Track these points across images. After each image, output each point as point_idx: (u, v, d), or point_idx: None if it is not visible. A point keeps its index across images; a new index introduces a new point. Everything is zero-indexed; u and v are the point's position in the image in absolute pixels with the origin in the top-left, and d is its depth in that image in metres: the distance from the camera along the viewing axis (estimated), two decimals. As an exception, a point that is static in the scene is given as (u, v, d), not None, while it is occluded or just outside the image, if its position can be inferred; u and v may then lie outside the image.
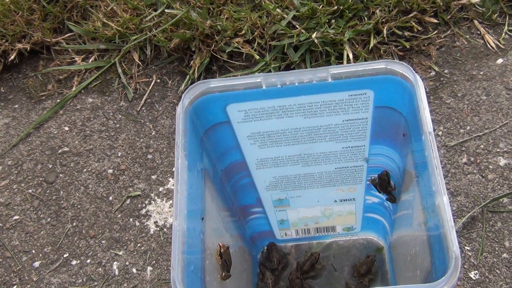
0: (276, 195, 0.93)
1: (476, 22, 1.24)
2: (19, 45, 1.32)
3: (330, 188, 0.91)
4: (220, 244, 0.76)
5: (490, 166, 1.07)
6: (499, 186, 1.04)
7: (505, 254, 0.98)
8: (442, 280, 0.57)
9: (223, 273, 0.77)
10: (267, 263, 1.02)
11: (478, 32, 1.23)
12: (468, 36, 1.23)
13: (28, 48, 1.32)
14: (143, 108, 1.24)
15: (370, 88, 0.73)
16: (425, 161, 0.66)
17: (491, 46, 1.21)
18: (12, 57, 1.31)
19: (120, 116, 1.23)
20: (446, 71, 1.19)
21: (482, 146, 1.09)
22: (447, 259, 0.58)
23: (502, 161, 1.07)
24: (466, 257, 0.99)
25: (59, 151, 1.21)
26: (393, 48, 1.21)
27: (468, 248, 1.00)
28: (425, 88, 1.13)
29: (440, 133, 1.12)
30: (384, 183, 0.87)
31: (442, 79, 1.18)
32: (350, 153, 0.84)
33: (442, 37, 1.23)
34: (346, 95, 0.74)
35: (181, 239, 0.64)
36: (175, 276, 0.60)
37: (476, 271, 0.98)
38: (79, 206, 1.13)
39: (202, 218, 0.73)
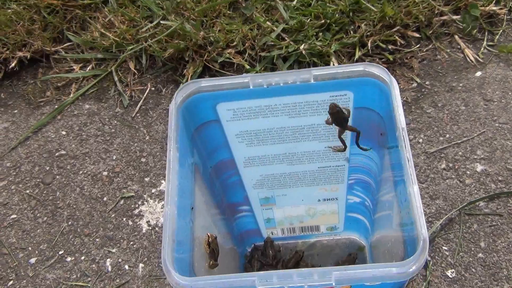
0: (263, 193, 0.98)
1: (456, 37, 1.31)
2: (20, 53, 1.37)
3: (314, 187, 0.96)
4: (209, 234, 0.81)
5: (468, 172, 1.13)
6: (475, 191, 1.10)
7: (480, 254, 1.04)
8: (411, 259, 0.62)
9: (211, 262, 0.81)
10: (262, 258, 1.07)
11: (459, 46, 1.30)
12: (449, 50, 1.29)
13: (28, 56, 1.37)
14: (138, 115, 1.29)
15: (349, 89, 0.78)
16: (401, 162, 0.71)
17: (471, 60, 1.27)
18: (13, 64, 1.37)
19: (115, 122, 1.29)
20: (427, 82, 1.25)
21: (460, 153, 1.15)
22: (416, 243, 0.63)
23: (479, 167, 1.13)
24: (443, 256, 1.04)
25: (56, 154, 1.26)
26: (377, 60, 1.27)
27: (446, 248, 1.05)
28: (407, 98, 1.19)
29: (420, 140, 1.18)
30: (339, 115, 0.78)
31: (423, 90, 1.24)
32: (332, 152, 0.89)
33: (424, 50, 1.30)
34: (327, 96, 0.79)
35: (171, 223, 0.68)
36: (165, 256, 0.65)
37: (453, 270, 1.03)
38: (74, 206, 1.18)
39: (192, 208, 0.78)
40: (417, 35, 1.29)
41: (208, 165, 0.89)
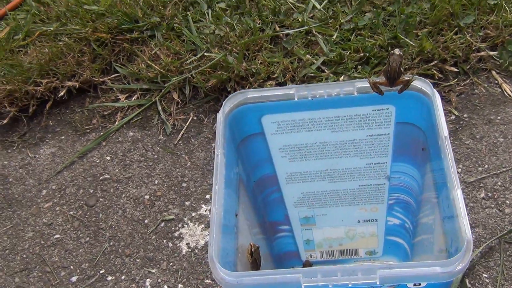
0: (303, 212, 0.99)
1: (494, 72, 1.32)
2: (69, 83, 1.43)
3: (354, 206, 0.97)
4: (251, 243, 0.83)
5: (507, 201, 1.12)
6: (515, 219, 1.10)
7: (521, 282, 1.03)
8: (456, 258, 0.62)
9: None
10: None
11: (496, 81, 1.31)
12: (486, 85, 1.31)
13: (77, 86, 1.43)
14: (180, 142, 1.33)
15: (391, 103, 0.81)
16: (445, 181, 0.71)
17: (508, 94, 1.29)
18: (62, 93, 1.43)
19: (158, 149, 1.32)
20: (465, 115, 1.27)
21: (499, 183, 1.15)
22: (460, 243, 0.64)
23: (519, 197, 1.13)
24: (484, 284, 1.04)
25: (100, 178, 1.29)
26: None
27: (486, 275, 1.04)
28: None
29: (459, 170, 1.18)
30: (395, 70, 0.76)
31: (461, 122, 1.26)
32: (373, 170, 0.91)
33: (462, 85, 1.32)
34: (370, 110, 0.82)
35: (218, 222, 0.70)
36: (212, 252, 0.67)
37: (494, 297, 1.02)
38: (116, 228, 1.21)
39: (236, 215, 0.80)
40: (455, 70, 1.32)
41: (251, 180, 0.91)
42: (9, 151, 1.40)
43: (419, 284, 0.66)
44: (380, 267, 0.63)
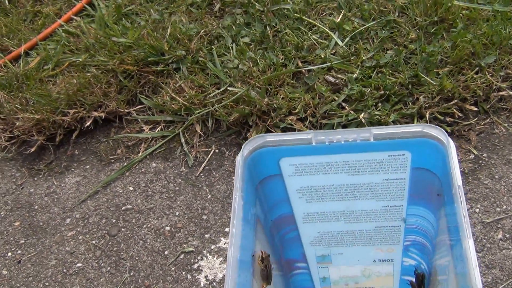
0: (320, 251, 1.01)
1: (514, 112, 1.33)
2: (95, 113, 1.47)
3: (370, 247, 0.99)
4: (262, 250, 0.84)
5: (525, 243, 1.13)
6: (533, 262, 1.10)
7: (538, 326, 1.02)
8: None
9: (264, 284, 0.84)
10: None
11: (516, 121, 1.32)
12: (506, 125, 1.32)
13: (103, 116, 1.47)
14: (201, 174, 1.35)
15: (407, 149, 0.82)
16: (457, 226, 0.73)
17: (528, 134, 1.29)
18: (88, 123, 1.47)
19: (180, 180, 1.35)
20: (484, 154, 1.27)
21: (517, 224, 1.16)
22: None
23: (537, 240, 1.13)
24: (499, 327, 1.04)
25: (123, 208, 1.32)
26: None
27: (502, 318, 1.04)
28: (464, 169, 1.22)
29: (477, 210, 1.19)
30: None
31: (480, 161, 1.26)
32: (389, 212, 0.92)
33: (482, 124, 1.32)
34: (386, 155, 0.83)
35: (235, 265, 0.72)
36: (227, 296, 0.69)
37: None
38: (137, 258, 1.23)
39: (253, 256, 0.82)
40: (475, 109, 1.33)
41: (269, 219, 0.93)
42: (35, 179, 1.44)
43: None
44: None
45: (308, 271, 1.05)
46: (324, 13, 1.56)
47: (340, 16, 1.51)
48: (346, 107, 1.34)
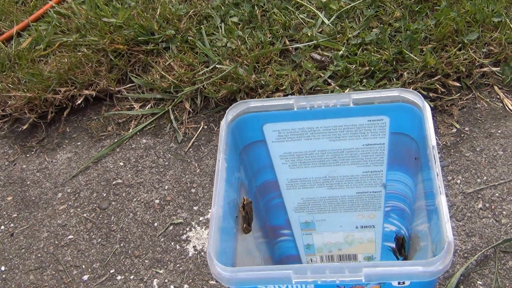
0: (303, 217, 1.04)
1: (496, 87, 1.36)
2: (86, 92, 1.50)
3: (351, 213, 1.02)
4: (244, 197, 0.86)
5: (504, 212, 1.16)
6: (511, 230, 1.13)
7: (515, 290, 1.06)
8: (437, 258, 0.66)
9: (244, 225, 0.87)
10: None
11: (498, 96, 1.35)
12: (488, 100, 1.35)
13: (94, 94, 1.50)
14: (190, 149, 1.38)
15: (386, 114, 0.85)
16: (432, 190, 0.75)
17: (509, 109, 1.32)
18: (79, 102, 1.49)
19: (169, 155, 1.38)
20: (466, 128, 1.31)
21: (497, 194, 1.19)
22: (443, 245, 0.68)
23: (516, 209, 1.16)
24: (478, 291, 1.07)
25: (113, 182, 1.35)
26: (418, 106, 1.33)
27: (480, 282, 1.08)
28: (446, 143, 1.25)
29: (458, 181, 1.22)
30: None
31: (462, 135, 1.30)
32: (369, 178, 0.95)
33: (464, 99, 1.36)
34: (365, 120, 0.86)
35: (217, 222, 0.75)
36: (210, 249, 0.72)
37: (487, 304, 1.05)
38: (127, 230, 1.26)
39: (236, 217, 0.85)
40: (458, 85, 1.36)
41: (253, 185, 0.96)
42: (27, 155, 1.46)
43: (403, 283, 0.70)
44: (365, 265, 0.67)
45: (292, 237, 1.08)
46: (311, -7, 1.58)
47: (327, -4, 1.54)
48: (332, 83, 1.37)
